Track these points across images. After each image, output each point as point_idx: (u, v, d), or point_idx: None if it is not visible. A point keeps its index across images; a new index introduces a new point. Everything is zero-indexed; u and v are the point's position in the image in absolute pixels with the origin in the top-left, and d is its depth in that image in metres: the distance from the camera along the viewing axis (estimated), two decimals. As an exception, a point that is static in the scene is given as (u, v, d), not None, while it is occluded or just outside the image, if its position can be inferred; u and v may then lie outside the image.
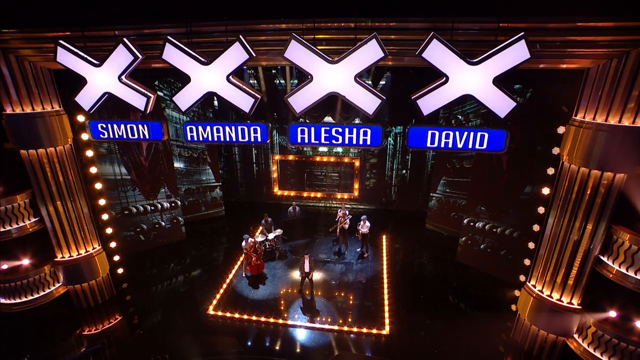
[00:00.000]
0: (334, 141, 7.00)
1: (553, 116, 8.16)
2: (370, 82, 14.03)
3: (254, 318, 9.36)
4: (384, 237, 14.09)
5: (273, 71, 15.79)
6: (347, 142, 6.94)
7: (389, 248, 13.32)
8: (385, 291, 10.45)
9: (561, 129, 7.76)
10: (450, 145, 6.61)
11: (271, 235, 12.87)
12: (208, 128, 7.37)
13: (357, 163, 12.30)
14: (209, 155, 16.06)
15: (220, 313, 9.60)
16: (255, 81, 15.34)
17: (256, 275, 11.54)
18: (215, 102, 15.63)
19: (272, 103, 15.75)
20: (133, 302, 10.22)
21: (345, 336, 8.71)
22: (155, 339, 8.82)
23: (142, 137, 7.58)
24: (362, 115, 15.95)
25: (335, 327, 8.93)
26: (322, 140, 7.05)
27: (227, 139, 7.36)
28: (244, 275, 11.65)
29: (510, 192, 10.58)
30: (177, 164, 15.09)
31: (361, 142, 6.90)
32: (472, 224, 11.99)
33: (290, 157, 12.85)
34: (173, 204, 13.80)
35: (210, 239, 14.37)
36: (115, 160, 11.88)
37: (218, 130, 7.31)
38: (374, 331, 8.74)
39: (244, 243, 11.44)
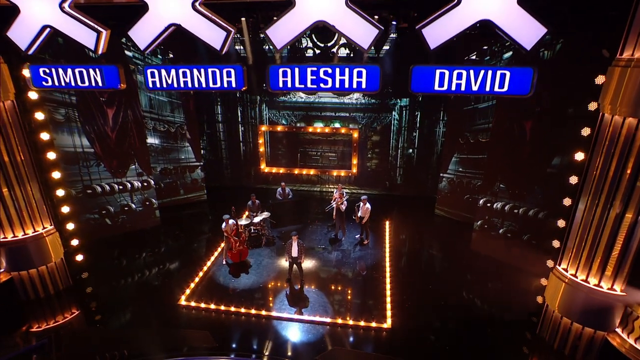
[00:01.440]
0: (322, 85, 6.13)
1: (589, 66, 7.26)
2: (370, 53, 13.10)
3: (232, 309, 8.63)
4: (387, 223, 13.30)
5: (261, 35, 14.85)
6: (337, 85, 6.08)
7: (392, 235, 12.55)
8: (388, 280, 9.68)
9: (600, 79, 6.88)
10: (463, 88, 5.77)
11: (257, 219, 12.05)
12: (173, 72, 6.51)
13: (355, 134, 11.46)
14: (189, 130, 15.22)
15: (193, 304, 8.84)
16: (242, 47, 14.43)
17: (238, 262, 10.76)
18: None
19: (261, 72, 14.83)
20: (94, 294, 9.41)
21: (339, 330, 8.00)
22: (113, 333, 8.04)
23: (94, 84, 6.70)
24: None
25: (328, 320, 8.18)
26: (309, 84, 6.20)
27: (196, 85, 6.48)
28: (224, 262, 10.86)
29: (534, 166, 9.71)
30: (152, 140, 14.25)
31: (355, 84, 6.05)
32: (489, 205, 11.15)
33: (279, 128, 12.01)
34: (145, 184, 12.95)
35: (190, 226, 13.53)
36: (75, 129, 11.01)
37: (185, 75, 6.43)
38: (374, 324, 8.00)
39: (224, 225, 10.62)
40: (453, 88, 5.79)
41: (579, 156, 7.54)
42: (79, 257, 10.36)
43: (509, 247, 10.66)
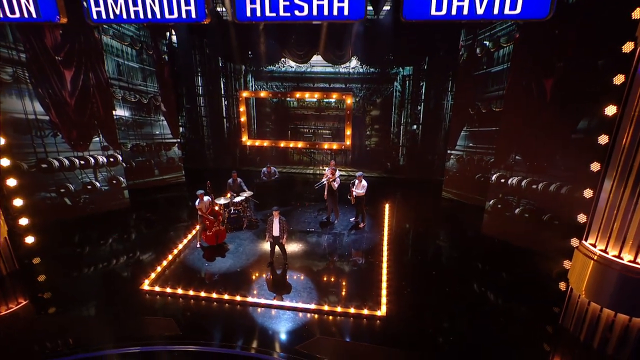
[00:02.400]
0: (297, 12, 5.40)
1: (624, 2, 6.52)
2: (370, 8, 12.33)
3: (203, 295, 7.95)
4: (387, 206, 12.66)
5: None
6: (315, 12, 5.34)
7: (392, 218, 11.93)
8: (385, 265, 9.06)
9: (638, 13, 6.15)
10: (465, 12, 5.08)
11: (238, 198, 11.38)
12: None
13: (348, 100, 10.71)
14: (164, 102, 14.52)
15: (158, 289, 8.24)
16: (223, 9, 13.69)
17: (214, 246, 10.09)
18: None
19: (246, 37, 14.13)
20: (44, 280, 8.73)
21: (326, 318, 7.41)
22: (59, 321, 7.38)
23: (27, 15, 5.97)
24: (361, 54, 14.53)
25: (313, 307, 7.56)
26: (281, 12, 5.45)
27: (149, 16, 5.77)
28: (198, 245, 10.21)
29: (556, 131, 8.98)
30: (121, 112, 13.57)
31: (335, 11, 5.32)
32: (502, 181, 10.44)
33: (263, 94, 11.22)
34: (111, 159, 12.26)
35: (165, 211, 12.83)
36: (25, 92, 10.29)
37: (135, 3, 5.68)
38: (365, 312, 7.38)
39: (197, 202, 9.95)
40: (454, 12, 5.10)
41: (610, 110, 6.81)
42: (30, 239, 9.67)
43: (527, 229, 9.97)
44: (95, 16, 5.98)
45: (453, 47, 12.78)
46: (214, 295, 8.01)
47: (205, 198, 10.11)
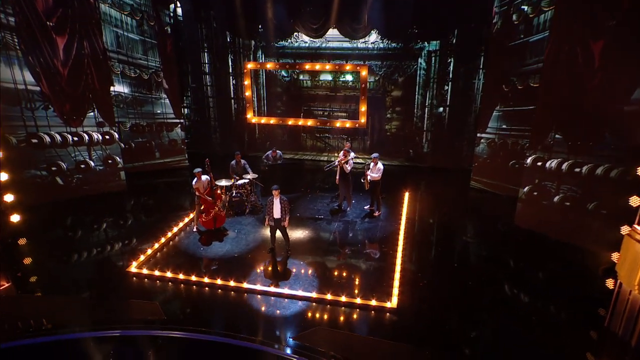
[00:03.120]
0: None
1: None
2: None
3: (193, 279, 7.69)
4: (406, 195, 12.17)
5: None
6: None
7: (411, 207, 11.50)
8: (399, 255, 8.61)
9: None
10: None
11: (242, 181, 11.10)
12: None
13: (363, 72, 10.20)
14: (165, 78, 14.43)
15: (146, 271, 8.03)
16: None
17: (212, 230, 9.83)
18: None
19: (255, 9, 13.85)
20: (30, 262, 8.63)
21: (329, 308, 7.09)
22: (36, 303, 7.26)
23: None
24: (381, 26, 14.03)
25: (314, 295, 7.18)
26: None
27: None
28: (195, 229, 9.97)
29: (605, 103, 8.25)
30: (120, 88, 13.54)
31: None
32: (539, 164, 9.76)
33: (269, 65, 10.80)
34: (107, 137, 12.19)
35: (164, 196, 12.65)
36: (14, 60, 10.28)
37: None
38: (373, 302, 6.95)
39: (194, 181, 9.70)
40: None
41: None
42: (16, 218, 9.62)
43: (567, 220, 9.27)
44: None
45: (485, 16, 12.13)
46: (206, 280, 7.74)
47: (204, 177, 9.86)
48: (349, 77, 15.23)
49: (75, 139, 11.63)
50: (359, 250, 9.11)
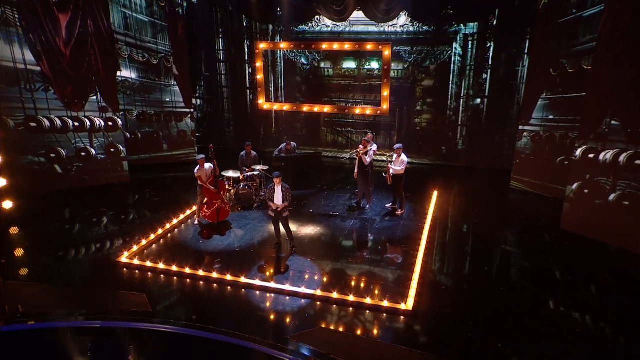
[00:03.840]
0: None
1: None
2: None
3: (187, 271, 7.64)
4: (435, 193, 11.79)
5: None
6: None
7: (439, 207, 11.11)
8: (421, 254, 8.27)
9: None
10: None
11: (250, 173, 11.05)
12: None
13: (386, 52, 9.92)
14: (176, 63, 14.65)
15: (137, 262, 8.03)
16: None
17: (215, 223, 9.77)
18: None
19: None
20: (22, 251, 8.80)
21: (333, 307, 6.78)
22: (16, 288, 7.33)
23: None
24: (412, 8, 13.79)
25: (318, 293, 6.94)
26: None
27: None
28: (196, 222, 9.93)
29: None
30: (127, 73, 13.84)
31: None
32: (591, 156, 9.18)
33: (283, 45, 10.70)
34: (110, 123, 12.42)
35: (170, 191, 12.67)
36: (15, 38, 10.63)
37: None
38: (385, 303, 6.62)
39: (197, 169, 9.69)
40: None
41: None
42: (8, 205, 9.84)
43: (626, 222, 8.64)
44: None
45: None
46: (200, 273, 7.62)
47: (207, 165, 9.81)
48: (374, 65, 15.00)
49: (76, 124, 11.90)
50: (374, 248, 8.88)
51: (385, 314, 6.58)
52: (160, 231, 9.40)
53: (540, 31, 11.52)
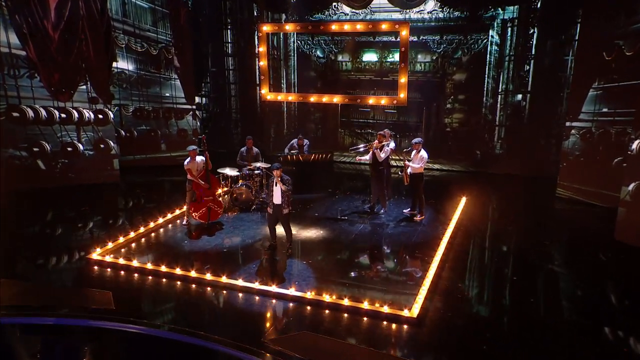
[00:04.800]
0: None
1: None
2: None
3: (163, 269, 7.67)
4: (463, 199, 11.45)
5: None
6: None
7: (467, 214, 10.76)
8: (436, 260, 8.01)
9: None
10: None
11: (250, 171, 11.05)
12: None
13: (404, 32, 9.73)
14: (177, 54, 14.94)
15: (109, 259, 8.06)
16: None
17: (206, 223, 9.77)
18: None
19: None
20: None
21: (324, 312, 6.59)
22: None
23: None
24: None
25: (308, 295, 6.75)
26: None
27: None
28: (185, 222, 9.91)
29: None
30: (124, 64, 14.21)
31: None
32: (651, 151, 8.72)
33: (288, 27, 10.73)
34: (100, 116, 12.70)
35: (164, 196, 12.70)
36: None
37: None
38: (385, 309, 6.35)
39: (187, 161, 9.71)
40: None
41: None
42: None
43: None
44: None
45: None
46: (178, 272, 7.54)
47: (199, 158, 9.82)
48: (398, 57, 14.89)
49: (63, 115, 12.23)
50: (381, 252, 8.86)
51: (385, 321, 6.31)
52: (142, 229, 9.42)
53: (590, 8, 11.20)
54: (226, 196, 11.05)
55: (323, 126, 16.43)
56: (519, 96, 14.06)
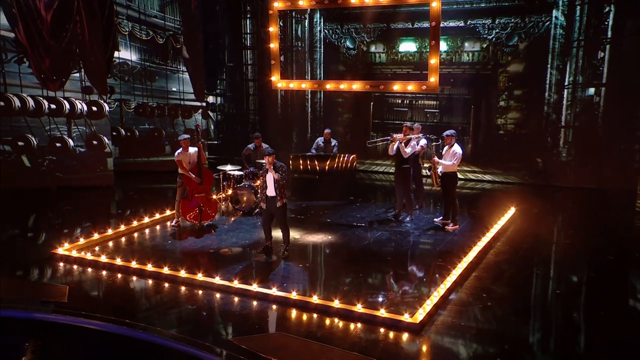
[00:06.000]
0: None
1: None
2: None
3: (134, 265, 7.95)
4: (512, 209, 11.13)
5: None
6: None
7: (514, 225, 10.57)
8: (460, 269, 7.85)
9: None
10: None
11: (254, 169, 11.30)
12: None
13: (434, 3, 9.54)
14: (186, 44, 15.45)
15: (76, 254, 8.48)
16: None
17: (198, 224, 10.01)
18: None
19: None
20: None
21: (312, 315, 6.66)
22: None
23: None
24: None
25: (293, 296, 6.79)
26: None
27: None
28: (174, 223, 10.18)
29: None
30: (126, 54, 14.82)
31: None
32: None
33: (302, 3, 10.84)
34: (94, 108, 13.21)
35: (163, 202, 12.96)
36: (-14, -4, 11.88)
37: None
38: (383, 313, 6.21)
39: (178, 152, 9.95)
40: None
41: None
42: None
43: None
44: None
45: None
46: (149, 268, 7.72)
47: (192, 149, 10.01)
48: (442, 46, 14.83)
49: (53, 106, 12.79)
50: (395, 259, 8.74)
51: (382, 328, 6.20)
52: (122, 227, 9.68)
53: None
54: (227, 201, 11.19)
55: (352, 130, 16.44)
56: (591, 90, 13.67)
